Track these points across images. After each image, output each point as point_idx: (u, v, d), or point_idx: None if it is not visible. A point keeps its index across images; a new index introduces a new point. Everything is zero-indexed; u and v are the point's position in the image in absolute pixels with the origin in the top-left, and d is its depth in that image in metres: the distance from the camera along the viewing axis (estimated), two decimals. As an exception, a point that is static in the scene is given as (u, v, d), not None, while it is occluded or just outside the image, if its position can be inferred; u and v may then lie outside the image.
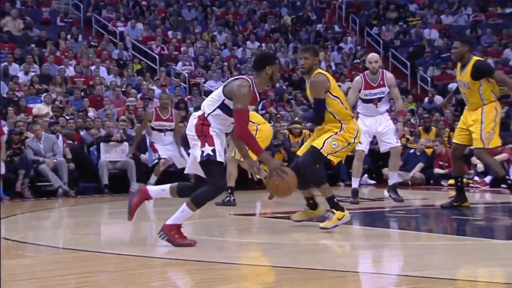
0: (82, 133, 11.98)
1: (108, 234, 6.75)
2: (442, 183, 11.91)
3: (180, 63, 17.66)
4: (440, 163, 12.08)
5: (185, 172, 5.48)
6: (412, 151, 12.71)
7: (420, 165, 12.34)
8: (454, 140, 7.66)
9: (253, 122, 8.69)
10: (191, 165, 5.36)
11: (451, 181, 11.79)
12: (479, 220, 6.96)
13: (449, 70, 18.15)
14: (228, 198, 8.66)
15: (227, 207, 8.43)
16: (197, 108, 14.41)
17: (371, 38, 21.43)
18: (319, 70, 6.13)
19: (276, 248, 5.52)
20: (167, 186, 5.41)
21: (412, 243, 5.32)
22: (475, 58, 7.33)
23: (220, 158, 5.09)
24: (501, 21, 21.40)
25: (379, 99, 8.47)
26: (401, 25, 21.56)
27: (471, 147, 7.48)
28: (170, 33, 19.39)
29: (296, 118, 12.79)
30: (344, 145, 6.05)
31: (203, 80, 16.98)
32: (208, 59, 18.26)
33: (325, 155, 6.00)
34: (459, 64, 7.43)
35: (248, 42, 19.62)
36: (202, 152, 5.08)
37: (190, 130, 5.24)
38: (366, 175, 12.22)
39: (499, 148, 11.57)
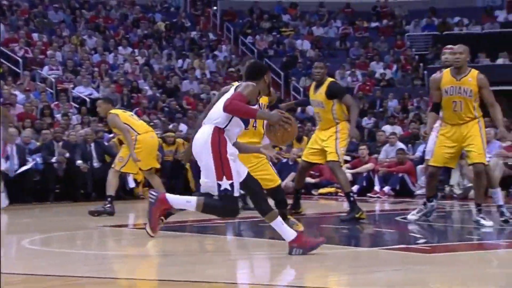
0: None
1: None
2: (313, 192, 12.16)
3: (46, 67, 16.87)
4: (311, 172, 12.31)
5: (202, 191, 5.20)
6: (284, 160, 12.88)
7: (292, 175, 12.50)
8: (303, 158, 7.85)
9: (135, 130, 8.44)
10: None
11: (322, 190, 12.12)
12: (346, 228, 7.15)
13: (320, 81, 18.67)
14: (108, 206, 8.45)
15: (105, 216, 8.24)
16: (65, 115, 13.83)
17: (245, 47, 21.65)
18: None
19: (143, 260, 5.34)
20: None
21: (282, 253, 5.32)
22: (329, 79, 7.72)
23: (237, 193, 5.05)
24: (367, 35, 22.38)
25: None
26: (275, 35, 21.97)
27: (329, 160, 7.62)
28: (35, 35, 18.50)
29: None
30: None
31: (71, 85, 16.32)
32: (77, 63, 17.60)
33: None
34: (313, 85, 7.72)
35: (120, 48, 19.14)
36: (219, 185, 4.98)
37: (203, 146, 5.01)
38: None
39: (365, 158, 12.09)
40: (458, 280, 4.39)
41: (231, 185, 5.00)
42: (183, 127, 14.26)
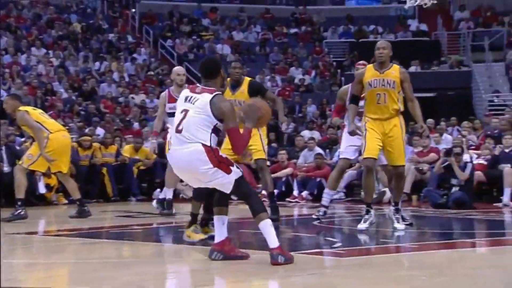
0: None
1: None
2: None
3: (-47, 68, 16.14)
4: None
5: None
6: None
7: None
8: None
9: (47, 129, 8.14)
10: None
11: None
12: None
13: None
14: (19, 211, 8.08)
15: (18, 222, 7.89)
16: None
17: (165, 50, 21.45)
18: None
19: (55, 268, 5.18)
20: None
21: (201, 258, 5.27)
22: (247, 78, 7.80)
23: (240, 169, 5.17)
24: (287, 40, 22.65)
25: None
26: (195, 39, 21.88)
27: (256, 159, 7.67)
28: None
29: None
30: None
31: (-19, 87, 15.66)
32: (-14, 64, 16.92)
33: None
34: (227, 84, 7.67)
35: (33, 48, 18.53)
36: (234, 175, 5.02)
37: (201, 167, 4.95)
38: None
39: (285, 162, 12.18)
40: (372, 283, 4.47)
41: (238, 167, 5.10)
42: (100, 131, 13.94)
